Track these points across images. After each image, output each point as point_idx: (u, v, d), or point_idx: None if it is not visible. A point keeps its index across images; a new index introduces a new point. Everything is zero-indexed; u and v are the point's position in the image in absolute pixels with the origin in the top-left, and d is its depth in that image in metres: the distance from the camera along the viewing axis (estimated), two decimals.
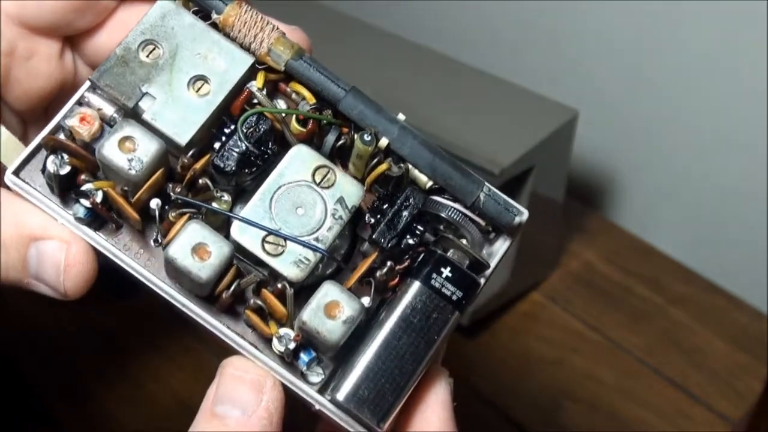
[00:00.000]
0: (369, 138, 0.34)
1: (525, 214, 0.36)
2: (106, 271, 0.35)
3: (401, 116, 0.35)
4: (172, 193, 0.34)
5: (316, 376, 0.34)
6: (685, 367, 0.77)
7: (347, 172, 0.36)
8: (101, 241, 0.34)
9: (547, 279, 0.85)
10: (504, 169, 0.67)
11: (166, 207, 0.34)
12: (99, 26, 0.38)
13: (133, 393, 0.71)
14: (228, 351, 0.34)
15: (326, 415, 0.33)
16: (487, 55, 0.98)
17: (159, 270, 0.34)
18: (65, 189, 0.34)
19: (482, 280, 0.35)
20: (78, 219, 0.34)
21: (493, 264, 0.36)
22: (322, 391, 0.33)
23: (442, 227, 0.35)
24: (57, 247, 0.34)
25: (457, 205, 0.35)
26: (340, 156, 0.36)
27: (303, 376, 0.34)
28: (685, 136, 0.88)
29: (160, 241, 0.34)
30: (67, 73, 0.39)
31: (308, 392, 0.33)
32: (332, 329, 0.32)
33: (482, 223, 0.35)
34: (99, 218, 0.34)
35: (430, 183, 0.35)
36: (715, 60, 0.82)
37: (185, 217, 0.34)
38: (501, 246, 0.36)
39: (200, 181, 0.34)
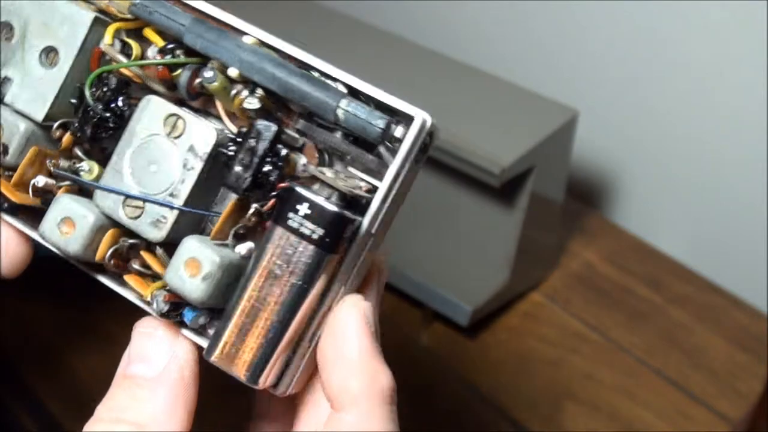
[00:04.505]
0: (210, 74, 0.32)
1: (418, 119, 0.31)
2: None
3: (248, 39, 0.32)
4: (52, 167, 0.34)
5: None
6: (685, 367, 0.77)
7: (222, 110, 0.33)
8: (15, 223, 0.34)
9: (547, 279, 0.85)
10: (504, 169, 0.67)
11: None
12: None
13: None
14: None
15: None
16: (487, 55, 0.98)
17: None
18: None
19: (367, 218, 0.31)
20: None
21: (381, 190, 0.31)
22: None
23: (329, 155, 0.33)
24: None
25: (337, 134, 0.32)
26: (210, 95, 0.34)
27: (204, 330, 0.32)
28: (685, 136, 0.88)
29: None
30: None
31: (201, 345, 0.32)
32: (192, 288, 0.30)
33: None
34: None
35: None
36: (716, 60, 0.82)
37: (62, 190, 0.33)
38: (392, 166, 0.31)
39: (74, 150, 0.34)
